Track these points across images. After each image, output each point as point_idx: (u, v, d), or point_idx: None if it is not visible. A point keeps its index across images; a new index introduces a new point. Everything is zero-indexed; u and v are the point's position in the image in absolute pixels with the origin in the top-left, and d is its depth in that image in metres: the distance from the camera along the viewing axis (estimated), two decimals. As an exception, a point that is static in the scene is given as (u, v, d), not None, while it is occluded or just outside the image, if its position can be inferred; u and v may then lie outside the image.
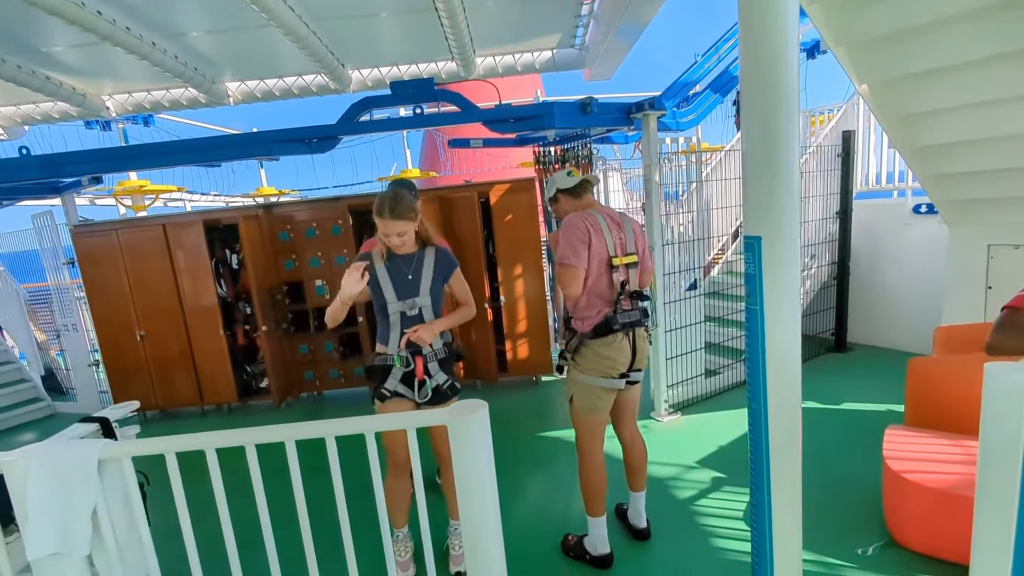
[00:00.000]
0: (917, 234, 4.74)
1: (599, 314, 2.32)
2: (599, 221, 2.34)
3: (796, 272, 1.71)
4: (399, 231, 2.15)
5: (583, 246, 2.27)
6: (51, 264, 5.45)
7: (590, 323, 2.32)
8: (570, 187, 2.45)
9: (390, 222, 2.12)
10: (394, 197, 2.15)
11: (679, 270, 4.36)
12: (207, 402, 5.09)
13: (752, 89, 1.64)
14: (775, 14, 1.58)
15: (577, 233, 2.28)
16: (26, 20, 3.24)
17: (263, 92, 4.74)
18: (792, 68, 1.61)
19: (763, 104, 1.62)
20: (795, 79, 1.62)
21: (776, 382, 1.74)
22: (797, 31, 1.63)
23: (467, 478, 1.45)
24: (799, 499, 1.82)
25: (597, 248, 2.30)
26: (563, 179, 2.47)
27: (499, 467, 3.62)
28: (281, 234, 5.02)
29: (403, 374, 2.22)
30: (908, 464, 2.41)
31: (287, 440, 1.45)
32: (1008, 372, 1.31)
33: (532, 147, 4.89)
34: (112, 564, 1.52)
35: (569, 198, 2.46)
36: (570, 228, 2.31)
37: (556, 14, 3.96)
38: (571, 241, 2.28)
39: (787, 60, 1.59)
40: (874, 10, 2.86)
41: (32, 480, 1.44)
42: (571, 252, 2.27)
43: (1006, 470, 1.30)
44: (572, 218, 2.35)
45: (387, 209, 2.11)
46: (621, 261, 2.34)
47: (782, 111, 1.61)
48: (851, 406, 3.93)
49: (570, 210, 2.44)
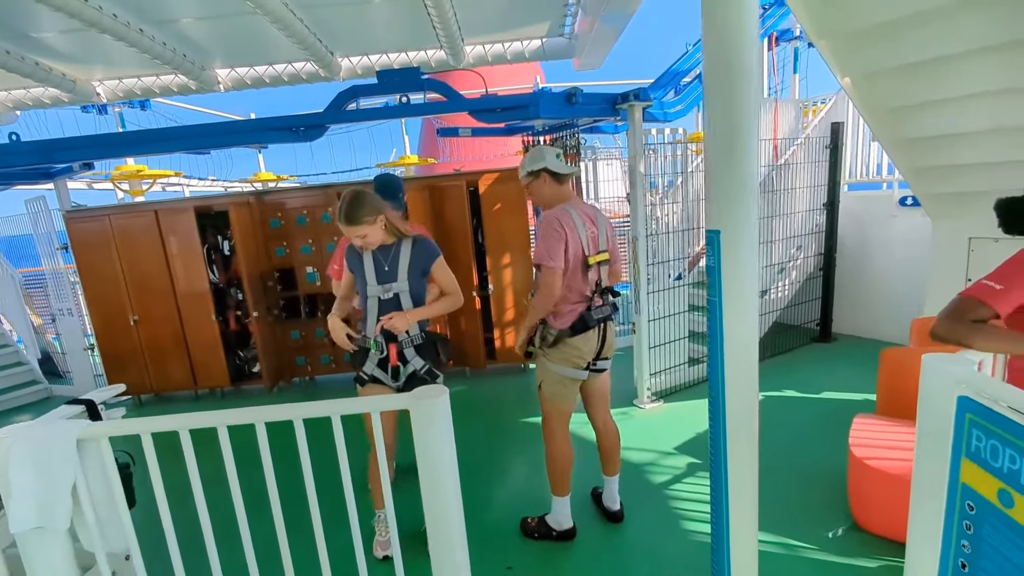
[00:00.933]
0: (903, 226, 4.78)
1: (573, 312, 2.36)
2: (574, 219, 2.35)
3: (754, 265, 1.76)
4: (358, 234, 2.21)
5: (561, 247, 2.28)
6: (45, 249, 5.50)
7: (567, 320, 2.36)
8: (557, 173, 2.42)
9: (346, 227, 2.19)
10: (351, 202, 2.18)
11: (664, 260, 4.41)
12: (200, 386, 5.18)
13: (714, 86, 1.68)
14: (738, 19, 1.61)
15: (555, 234, 2.29)
16: (14, 5, 3.26)
17: (253, 79, 4.75)
18: (751, 67, 1.64)
19: (724, 101, 1.66)
20: (755, 78, 1.66)
21: (734, 370, 1.81)
22: (757, 30, 1.67)
23: (429, 461, 1.52)
24: (755, 482, 1.89)
25: (573, 248, 2.31)
26: (555, 162, 2.43)
27: (482, 452, 3.73)
28: (272, 221, 5.06)
29: (379, 359, 2.28)
30: (872, 451, 2.48)
31: (256, 422, 1.51)
32: (943, 363, 1.38)
33: (521, 136, 4.90)
34: (93, 538, 1.59)
35: (554, 182, 2.44)
36: (549, 228, 2.31)
37: (544, 3, 3.95)
38: (549, 242, 2.28)
39: (746, 59, 1.62)
40: (855, 4, 2.87)
41: (15, 458, 1.51)
42: (549, 254, 2.28)
43: (939, 455, 1.37)
44: (550, 217, 2.35)
45: (343, 215, 2.17)
46: (594, 260, 2.37)
47: (742, 109, 1.64)
48: (830, 395, 4.00)
49: (547, 193, 2.45)
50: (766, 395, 4.09)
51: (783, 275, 5.00)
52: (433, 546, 1.57)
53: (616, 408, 4.04)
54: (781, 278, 4.98)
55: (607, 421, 2.67)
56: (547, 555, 2.52)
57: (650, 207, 4.18)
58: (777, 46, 6.39)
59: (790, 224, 4.91)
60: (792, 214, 4.90)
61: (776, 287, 4.94)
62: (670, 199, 4.36)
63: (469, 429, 3.95)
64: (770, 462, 3.09)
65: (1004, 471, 1.19)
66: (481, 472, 3.32)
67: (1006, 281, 1.50)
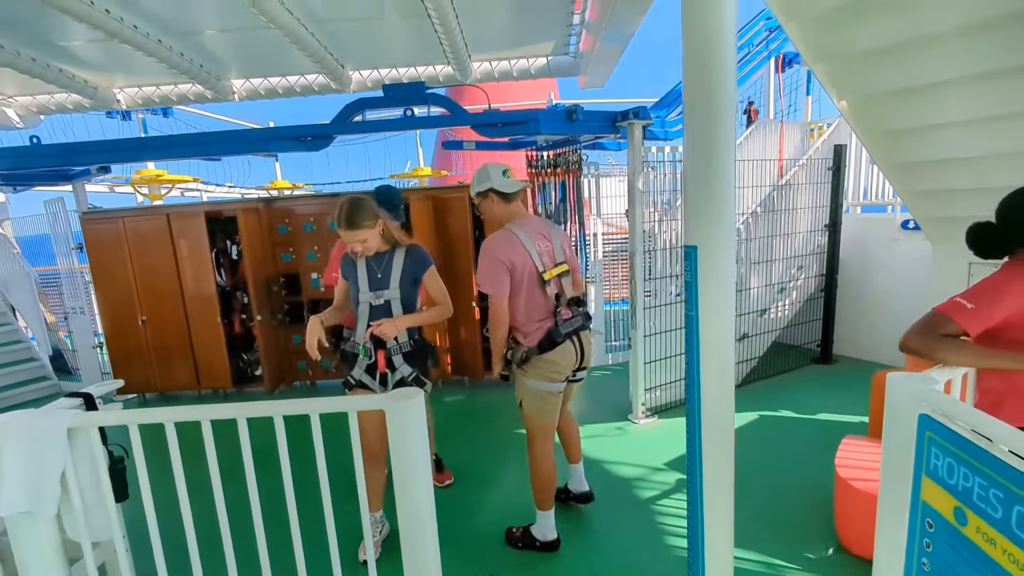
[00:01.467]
0: (905, 249, 4.76)
1: (540, 329, 2.36)
2: (519, 237, 2.33)
3: (731, 281, 1.79)
4: (359, 239, 2.26)
5: (503, 272, 2.27)
6: (62, 249, 5.67)
7: (534, 338, 2.36)
8: (507, 191, 2.40)
9: (347, 232, 2.24)
10: (351, 207, 2.23)
11: (663, 276, 4.43)
12: (204, 386, 5.26)
13: (693, 106, 1.73)
14: (716, 38, 1.67)
15: (494, 262, 2.27)
16: (40, 15, 3.42)
17: (267, 89, 4.90)
18: (729, 88, 1.69)
19: (701, 120, 1.71)
20: (732, 98, 1.71)
21: (710, 384, 1.83)
22: (735, 53, 1.72)
23: (402, 462, 1.56)
24: (730, 494, 1.89)
25: (522, 267, 2.30)
26: (501, 180, 2.37)
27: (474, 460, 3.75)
28: (280, 227, 5.18)
29: (367, 365, 2.33)
30: (857, 472, 2.47)
31: (239, 417, 1.57)
32: (907, 382, 1.40)
33: (525, 151, 4.99)
34: (78, 525, 1.65)
35: (501, 201, 2.40)
36: (487, 255, 2.30)
37: (549, 23, 4.05)
38: (487, 269, 2.28)
39: (724, 80, 1.68)
40: (853, 28, 2.91)
41: (8, 444, 1.58)
42: (487, 281, 2.28)
43: (902, 473, 1.39)
44: (488, 245, 2.33)
45: (343, 220, 2.22)
46: (551, 274, 2.37)
47: (720, 127, 1.70)
48: (826, 416, 3.97)
49: (497, 212, 2.43)
50: (761, 414, 4.07)
51: (783, 294, 4.99)
52: (405, 545, 1.61)
53: (610, 423, 4.08)
54: (781, 297, 4.98)
55: (569, 416, 2.76)
56: (529, 564, 2.53)
57: (649, 224, 4.22)
58: (790, 68, 6.45)
59: (791, 244, 4.92)
60: (793, 234, 4.91)
61: (776, 306, 4.93)
62: (669, 216, 4.39)
63: (464, 437, 3.98)
64: (759, 481, 3.09)
65: (959, 489, 1.21)
66: (472, 480, 3.34)
67: (977, 300, 1.52)
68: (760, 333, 4.79)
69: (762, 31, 5.52)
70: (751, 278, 4.74)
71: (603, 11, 3.51)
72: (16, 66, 3.85)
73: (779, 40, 5.46)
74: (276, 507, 1.66)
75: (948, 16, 2.42)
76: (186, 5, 3.54)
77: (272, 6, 3.28)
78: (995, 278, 1.60)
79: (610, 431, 3.96)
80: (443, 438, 3.61)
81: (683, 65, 1.73)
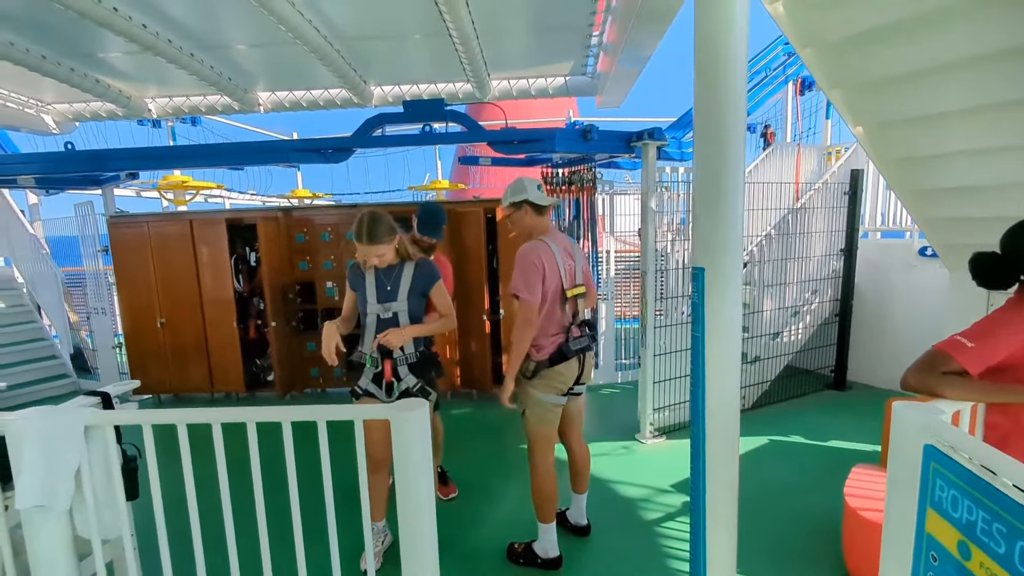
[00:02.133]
0: (922, 277, 4.69)
1: (552, 344, 2.40)
2: (552, 251, 2.38)
3: (738, 303, 1.80)
4: (377, 254, 2.30)
5: (538, 280, 2.30)
6: (89, 251, 5.85)
7: (546, 352, 2.40)
8: (538, 205, 2.46)
9: (367, 247, 2.28)
10: (371, 222, 2.27)
11: (675, 295, 4.42)
12: (217, 390, 5.35)
13: (702, 129, 1.76)
14: (727, 61, 1.70)
15: (533, 267, 2.31)
16: (82, 29, 3.58)
17: (291, 102, 5.04)
18: (739, 111, 1.72)
19: (710, 142, 1.74)
20: (741, 121, 1.74)
21: (715, 406, 1.83)
22: (745, 78, 1.75)
23: (406, 471, 1.58)
24: (734, 522, 1.88)
25: (551, 279, 2.35)
26: (536, 193, 2.46)
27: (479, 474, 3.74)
28: (298, 236, 5.28)
29: (374, 374, 2.37)
30: (867, 502, 2.42)
31: (248, 421, 1.61)
32: (912, 412, 1.39)
33: (540, 168, 5.05)
34: (89, 521, 1.69)
35: (534, 213, 2.48)
36: (526, 260, 2.33)
37: (567, 44, 4.13)
38: (527, 275, 2.30)
39: (735, 104, 1.71)
40: (867, 56, 2.92)
41: (28, 439, 1.63)
42: (524, 285, 2.30)
43: (906, 504, 1.37)
44: (528, 250, 2.37)
45: (364, 234, 2.26)
46: (572, 293, 2.42)
47: (729, 150, 1.72)
48: (837, 444, 3.90)
49: (528, 224, 2.50)
50: (771, 439, 4.02)
51: (797, 318, 4.94)
52: (404, 555, 1.62)
53: (617, 441, 4.06)
54: (795, 321, 4.92)
55: (580, 443, 2.75)
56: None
57: (662, 243, 4.23)
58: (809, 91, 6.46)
59: (805, 268, 4.88)
60: (808, 258, 4.87)
61: (789, 330, 4.88)
62: (682, 236, 4.40)
63: (470, 450, 3.98)
64: (766, 506, 3.04)
65: (963, 522, 1.19)
66: (476, 493, 3.34)
67: (977, 339, 1.51)
68: (772, 356, 4.74)
69: (780, 55, 5.55)
70: (764, 300, 4.71)
71: (621, 34, 3.58)
72: (57, 75, 4.03)
73: (796, 65, 5.48)
74: (281, 512, 1.69)
75: (963, 45, 2.43)
76: (218, 21, 3.69)
77: (300, 23, 3.40)
78: (996, 316, 1.58)
79: (617, 450, 3.93)
80: (449, 451, 3.61)
81: (694, 88, 1.77)
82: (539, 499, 2.52)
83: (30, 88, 4.71)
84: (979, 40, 2.38)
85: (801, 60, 5.26)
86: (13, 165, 4.52)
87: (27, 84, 4.57)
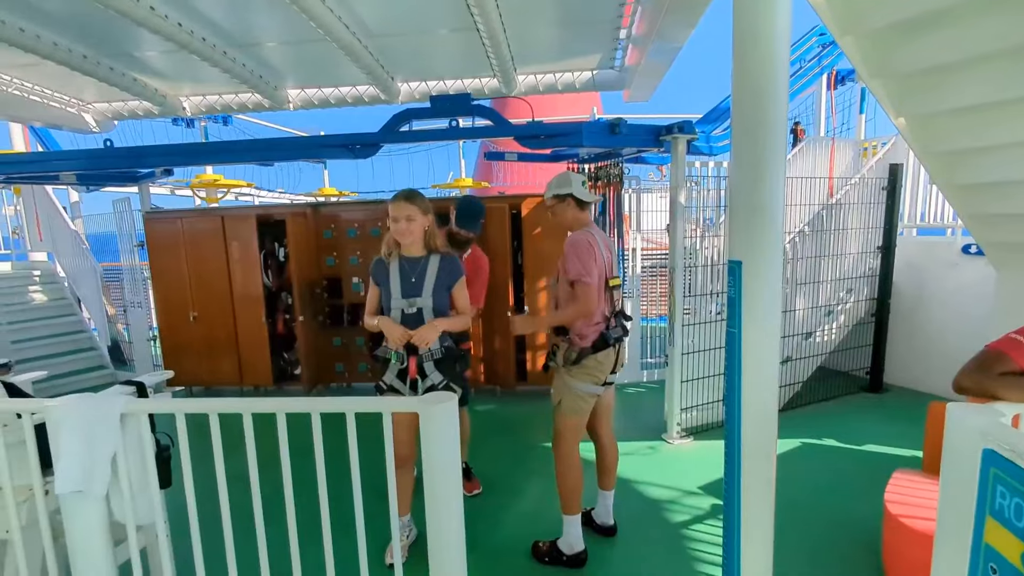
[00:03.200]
0: (965, 275, 4.49)
1: (596, 332, 2.46)
2: (598, 241, 2.48)
3: (777, 298, 1.73)
4: (407, 213, 2.34)
5: (594, 264, 2.40)
6: (126, 246, 6.03)
7: (589, 340, 2.45)
8: (581, 200, 2.57)
9: (402, 204, 2.34)
10: (409, 190, 2.42)
11: (704, 293, 4.33)
12: (246, 383, 5.45)
13: (742, 118, 1.70)
14: (768, 46, 1.63)
15: (588, 252, 2.41)
16: (120, 27, 3.68)
17: (319, 99, 5.09)
18: (781, 101, 1.65)
19: (751, 133, 1.68)
20: (783, 111, 1.67)
21: (752, 405, 1.76)
22: (787, 63, 1.68)
23: (434, 464, 1.56)
24: (770, 528, 1.81)
25: (599, 269, 2.43)
26: (580, 189, 2.56)
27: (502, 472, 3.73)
28: (325, 232, 5.35)
29: (399, 370, 2.36)
30: (909, 509, 2.32)
31: (278, 411, 1.61)
32: (969, 414, 1.31)
33: (567, 163, 4.99)
34: (124, 507, 1.72)
35: (577, 208, 2.58)
36: (581, 247, 2.42)
37: (596, 37, 4.06)
38: (584, 260, 2.39)
39: (776, 92, 1.64)
40: (914, 43, 2.80)
41: (66, 425, 1.67)
42: (586, 271, 2.38)
43: (962, 512, 1.30)
44: (579, 237, 2.47)
45: (402, 194, 2.37)
46: (613, 283, 2.52)
47: (769, 141, 1.66)
48: (873, 448, 3.76)
49: (571, 217, 2.58)
50: (804, 441, 3.90)
51: (831, 318, 4.78)
52: (432, 546, 1.61)
53: (643, 441, 3.99)
54: (828, 321, 4.77)
55: (611, 437, 2.76)
56: (555, 581, 2.49)
57: (691, 240, 4.14)
58: (843, 85, 6.26)
59: (840, 265, 4.72)
60: (843, 255, 4.71)
61: (822, 330, 4.73)
62: (711, 232, 4.30)
63: (493, 448, 3.96)
64: (800, 511, 2.95)
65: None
66: (500, 490, 3.32)
67: None
68: (804, 357, 4.60)
69: (814, 47, 5.38)
70: (796, 299, 4.57)
71: (651, 26, 3.51)
72: (97, 74, 4.15)
73: (832, 56, 5.30)
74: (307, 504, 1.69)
75: (1017, 31, 2.30)
76: (250, 19, 3.74)
77: (331, 21, 3.43)
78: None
79: (642, 449, 3.87)
80: (472, 447, 3.60)
81: (733, 66, 1.69)
82: (564, 489, 2.52)
83: (72, 88, 4.86)
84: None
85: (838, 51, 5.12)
86: (58, 161, 4.68)
87: (69, 84, 4.71)
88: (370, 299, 2.57)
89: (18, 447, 1.78)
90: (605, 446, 2.74)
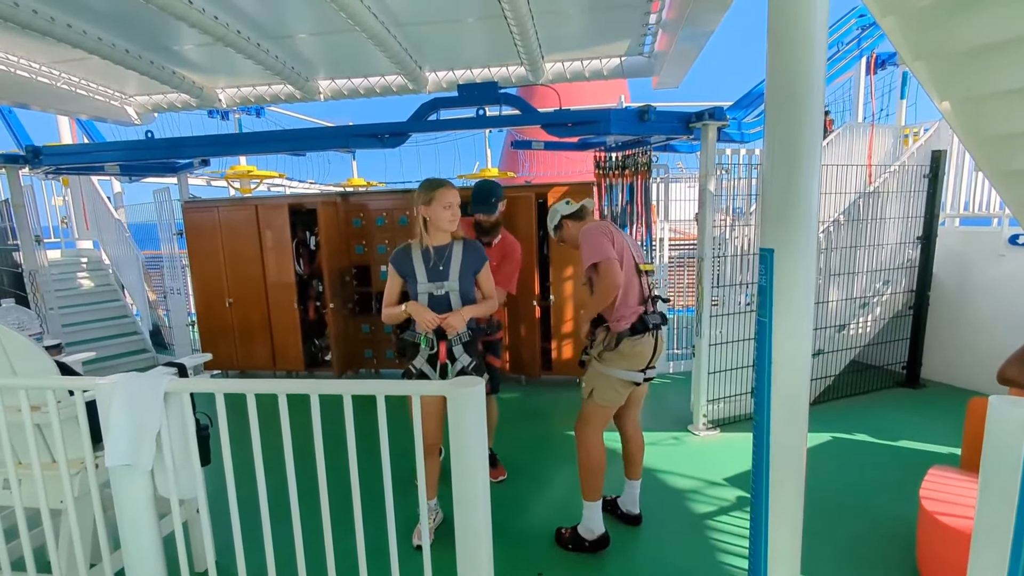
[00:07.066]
0: (1013, 267, 4.29)
1: (634, 314, 2.47)
2: (615, 228, 2.51)
3: (810, 287, 1.70)
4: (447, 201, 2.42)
5: (607, 241, 2.40)
6: (166, 235, 6.26)
7: (627, 322, 2.46)
8: (573, 212, 2.66)
9: (455, 190, 2.44)
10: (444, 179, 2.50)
11: (733, 283, 4.26)
12: (279, 368, 5.62)
13: (776, 103, 1.66)
14: (804, 29, 1.59)
15: (598, 235, 2.43)
16: (161, 22, 3.79)
17: (349, 90, 5.16)
18: (818, 85, 1.61)
19: (786, 118, 1.64)
20: (820, 95, 1.63)
21: (782, 397, 1.74)
22: (825, 46, 1.63)
23: (461, 447, 1.60)
24: (799, 522, 1.79)
25: (620, 248, 2.43)
26: (563, 207, 2.69)
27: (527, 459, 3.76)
28: (355, 220, 5.44)
29: (428, 355, 2.40)
30: (945, 506, 2.26)
31: (312, 393, 1.67)
32: (1014, 407, 1.28)
33: (594, 151, 4.95)
34: (168, 482, 1.81)
35: (574, 222, 2.67)
36: (590, 233, 2.47)
37: (625, 23, 4.00)
38: (596, 242, 2.41)
39: (813, 76, 1.60)
40: (960, 22, 2.65)
41: (116, 402, 1.77)
42: (597, 250, 2.39)
43: (1004, 507, 1.27)
44: (589, 227, 2.53)
45: (445, 182, 2.46)
46: (645, 267, 2.52)
47: (805, 126, 1.62)
48: (908, 444, 3.66)
49: (576, 232, 2.62)
50: (835, 436, 3.82)
51: (866, 310, 4.64)
52: (459, 529, 1.64)
53: (669, 432, 3.97)
54: (863, 313, 4.63)
55: (637, 427, 2.77)
56: (578, 565, 2.51)
57: (720, 229, 4.07)
58: (883, 70, 6.02)
59: (877, 256, 4.57)
60: (880, 246, 4.56)
61: (856, 322, 4.59)
62: (741, 222, 4.21)
63: (518, 435, 4.00)
64: (830, 506, 2.90)
65: (1069, 528, 1.08)
66: (524, 477, 3.36)
67: None
68: (837, 350, 4.48)
69: (853, 29, 5.17)
70: (830, 290, 4.45)
71: (682, 10, 3.43)
72: (139, 68, 4.30)
73: (872, 38, 5.09)
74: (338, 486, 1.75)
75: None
76: (282, 11, 3.81)
77: (360, 10, 3.46)
78: None
79: (667, 440, 3.85)
80: (498, 434, 3.65)
81: (768, 50, 1.65)
82: (586, 474, 2.53)
83: (115, 82, 5.04)
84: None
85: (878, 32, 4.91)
86: (103, 152, 4.88)
87: (112, 78, 4.89)
88: (389, 290, 2.52)
89: (70, 422, 1.89)
90: (630, 436, 2.75)
